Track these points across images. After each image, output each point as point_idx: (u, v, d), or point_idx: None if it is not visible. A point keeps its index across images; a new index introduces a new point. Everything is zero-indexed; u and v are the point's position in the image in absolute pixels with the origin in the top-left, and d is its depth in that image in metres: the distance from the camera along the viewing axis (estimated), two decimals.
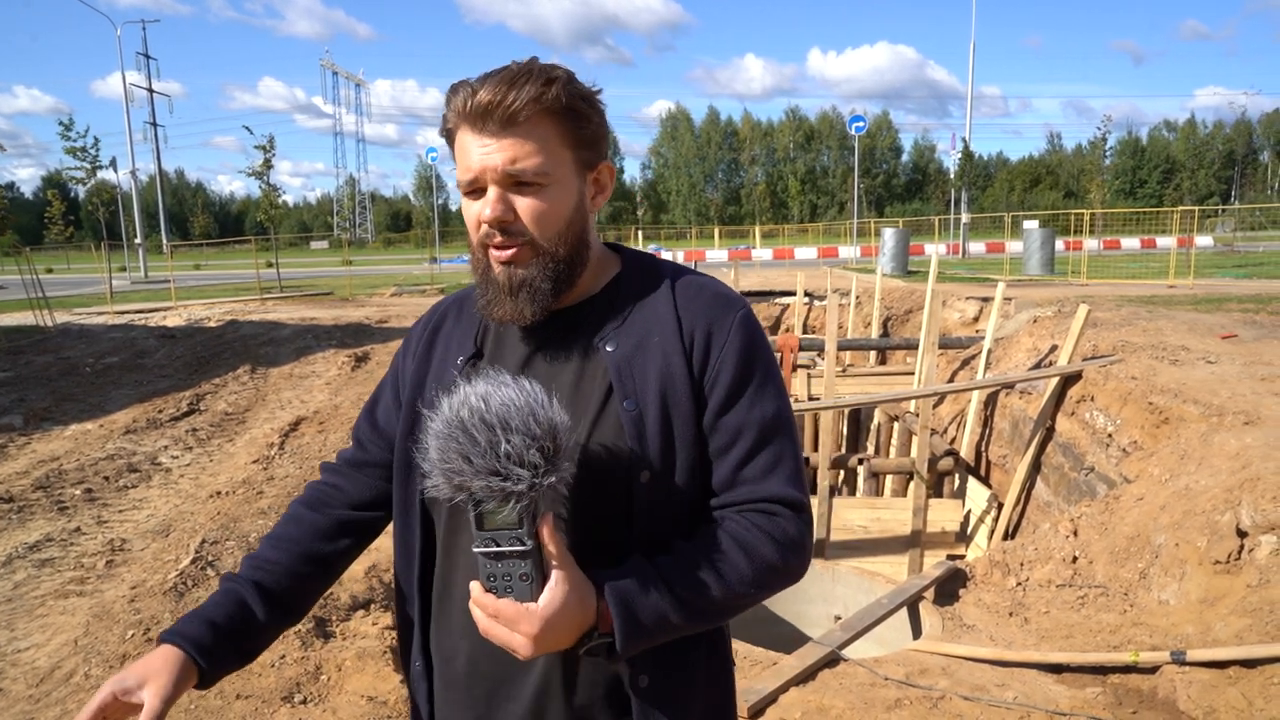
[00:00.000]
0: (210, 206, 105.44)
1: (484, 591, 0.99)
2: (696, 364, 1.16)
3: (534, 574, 0.98)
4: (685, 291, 1.21)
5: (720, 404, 1.15)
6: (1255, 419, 5.78)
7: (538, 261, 1.13)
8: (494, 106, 1.07)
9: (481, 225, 1.13)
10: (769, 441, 1.15)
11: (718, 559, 1.08)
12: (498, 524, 0.97)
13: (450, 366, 1.23)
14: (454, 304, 1.33)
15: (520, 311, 1.14)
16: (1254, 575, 4.24)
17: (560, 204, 1.14)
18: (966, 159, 32.51)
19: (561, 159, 1.13)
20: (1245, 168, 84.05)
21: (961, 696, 3.89)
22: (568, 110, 1.11)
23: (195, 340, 12.70)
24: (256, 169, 24.24)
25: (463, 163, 1.12)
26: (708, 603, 1.08)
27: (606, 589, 1.02)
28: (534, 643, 0.97)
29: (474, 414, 0.97)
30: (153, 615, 3.74)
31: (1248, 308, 11.48)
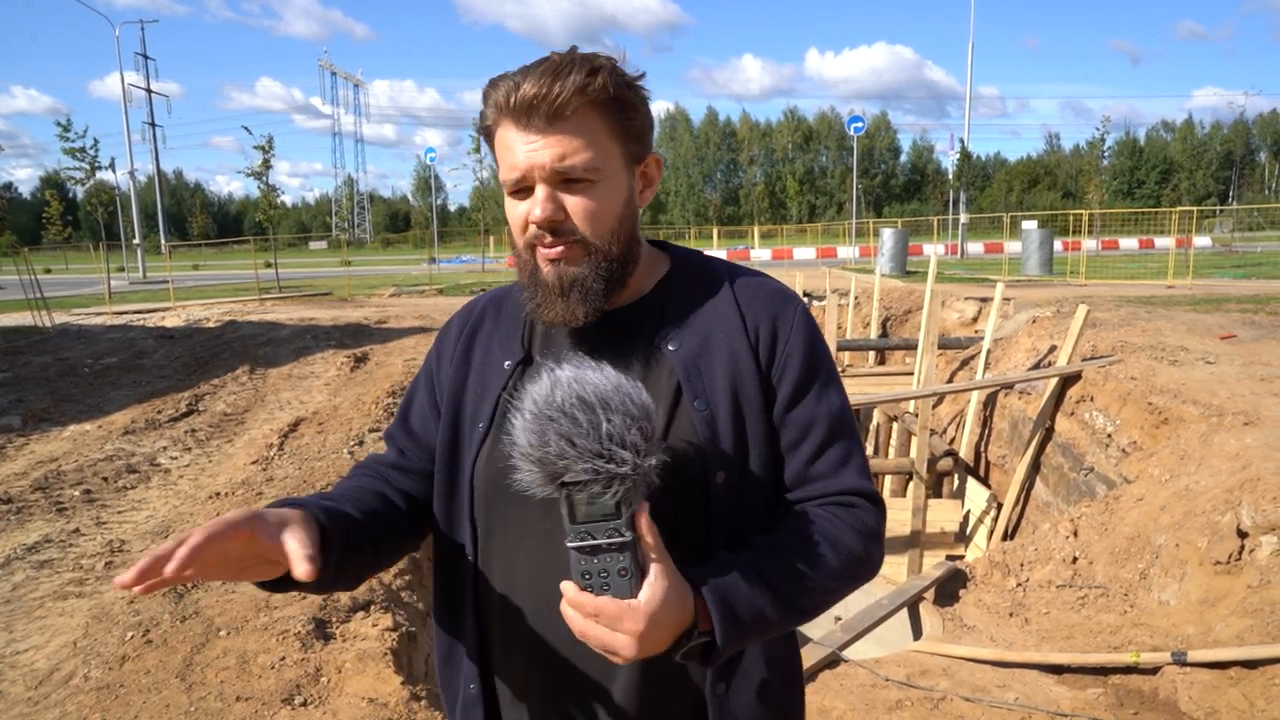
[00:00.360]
0: (209, 207, 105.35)
1: (579, 590, 0.92)
2: (763, 359, 1.14)
3: (633, 568, 0.92)
4: (745, 288, 1.19)
5: (789, 398, 1.13)
6: (1255, 419, 5.78)
7: (589, 260, 1.09)
8: (539, 100, 1.02)
9: (529, 226, 1.08)
10: (839, 435, 1.14)
11: (808, 552, 1.06)
12: (593, 515, 0.92)
13: (494, 371, 1.19)
14: (491, 304, 1.29)
15: (572, 313, 1.10)
16: (1254, 576, 4.24)
17: (611, 200, 1.09)
18: (965, 159, 32.53)
19: (610, 153, 1.08)
20: (1243, 168, 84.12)
21: (963, 697, 3.89)
22: (615, 101, 1.06)
23: (194, 341, 12.69)
24: (255, 169, 24.24)
25: (507, 161, 1.08)
26: (802, 597, 1.04)
27: (705, 586, 0.97)
28: (638, 642, 0.91)
29: (570, 395, 0.93)
30: (152, 617, 3.73)
31: (1246, 308, 11.49)
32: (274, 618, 3.64)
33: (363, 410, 7.52)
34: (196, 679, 3.18)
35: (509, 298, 1.27)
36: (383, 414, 7.35)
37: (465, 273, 30.57)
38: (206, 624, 3.62)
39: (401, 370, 9.05)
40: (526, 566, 1.12)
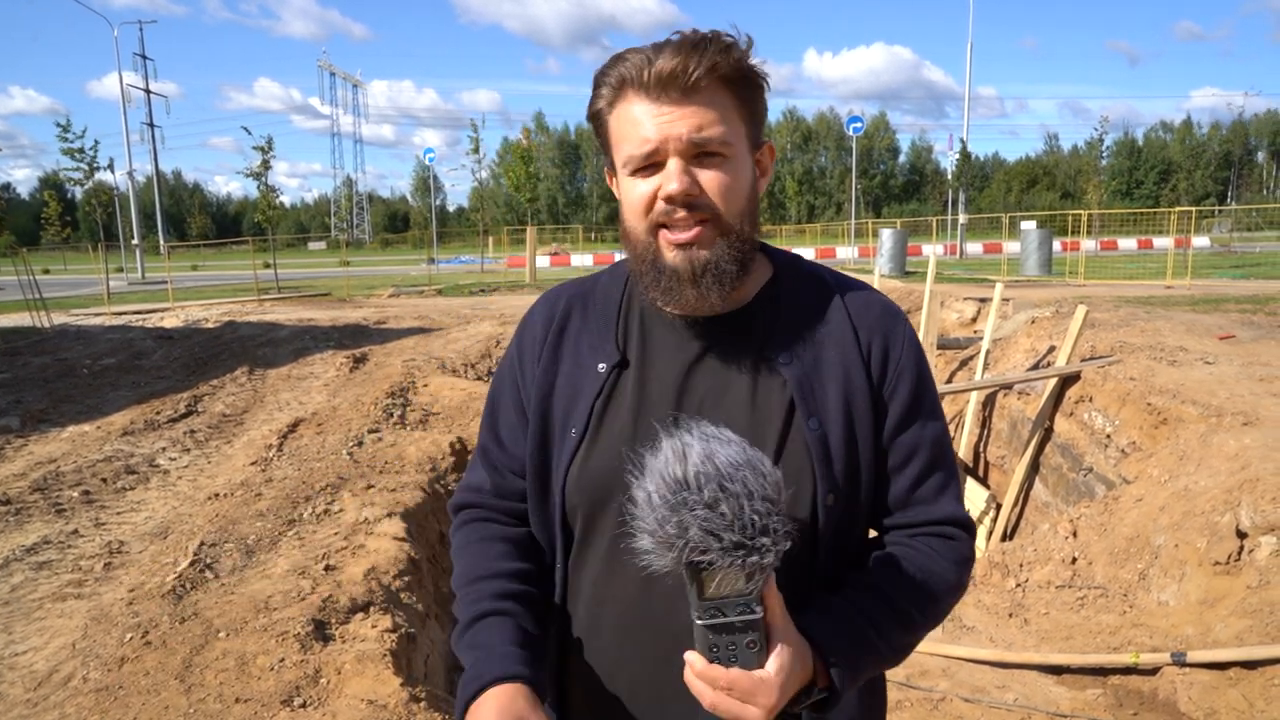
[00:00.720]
0: (208, 207, 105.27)
1: (708, 664, 0.91)
2: (875, 377, 1.11)
3: (761, 641, 0.91)
4: (856, 301, 1.15)
5: (899, 420, 1.11)
6: (1254, 419, 5.78)
7: (723, 241, 1.04)
8: (676, 73, 0.99)
9: (656, 203, 1.04)
10: (940, 461, 1.12)
11: (913, 591, 1.06)
12: (724, 593, 0.88)
13: (586, 375, 1.14)
14: (577, 299, 1.22)
15: (705, 298, 1.05)
16: (1254, 576, 4.24)
17: (742, 178, 1.06)
18: (964, 160, 32.54)
19: (739, 131, 1.05)
20: (1242, 168, 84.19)
21: (962, 698, 3.89)
22: (744, 80, 1.04)
23: (193, 341, 12.68)
24: (255, 170, 24.21)
25: (635, 134, 1.03)
26: (907, 636, 1.06)
27: (825, 644, 0.98)
28: (769, 713, 0.91)
29: (708, 478, 0.87)
30: (151, 619, 3.72)
31: (1245, 308, 11.50)
32: (273, 619, 3.63)
33: (362, 411, 7.51)
34: (196, 680, 3.17)
35: (596, 292, 1.21)
36: (381, 415, 7.35)
37: (464, 273, 30.55)
38: (206, 625, 3.61)
39: (401, 371, 9.05)
40: (620, 583, 1.09)
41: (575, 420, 1.12)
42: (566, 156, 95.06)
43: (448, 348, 10.65)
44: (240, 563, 4.39)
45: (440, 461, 6.27)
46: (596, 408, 1.11)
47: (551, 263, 32.29)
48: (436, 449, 6.41)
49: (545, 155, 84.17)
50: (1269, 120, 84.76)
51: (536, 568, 1.18)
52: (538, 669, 1.07)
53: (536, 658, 1.08)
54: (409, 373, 8.99)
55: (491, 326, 11.92)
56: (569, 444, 1.11)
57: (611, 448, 1.08)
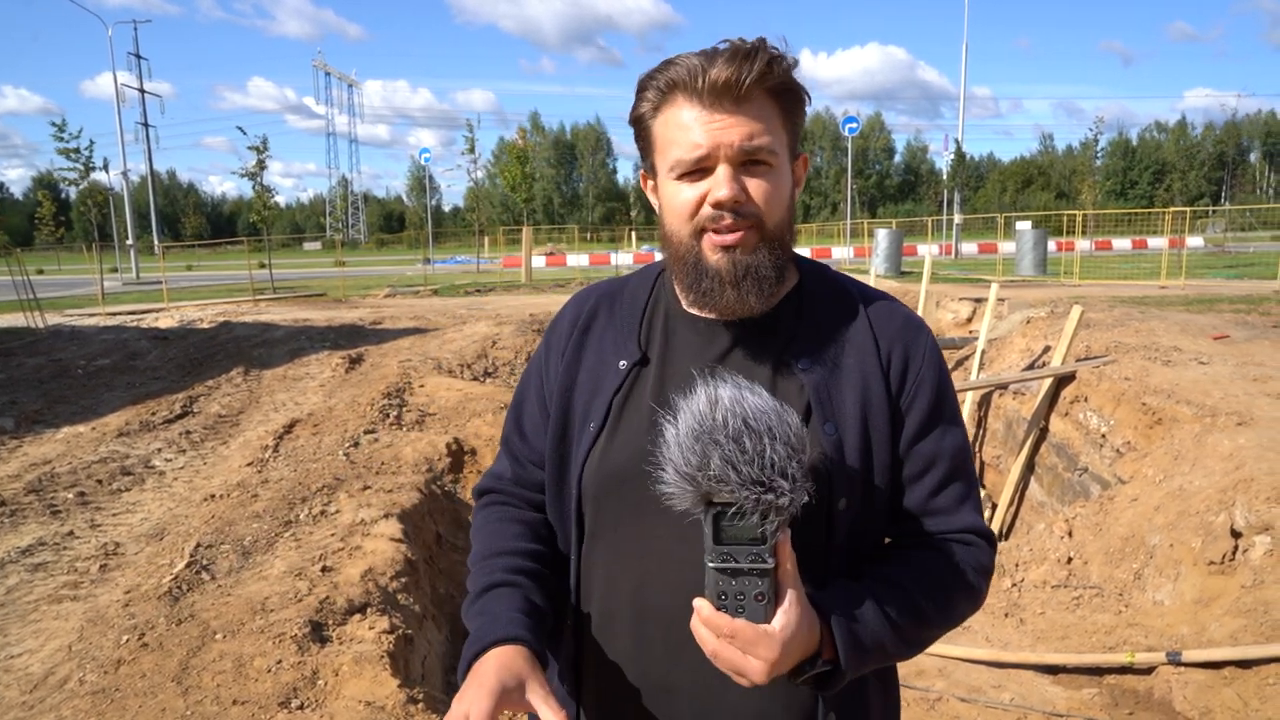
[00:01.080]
0: (202, 207, 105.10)
1: (715, 610, 0.92)
2: (894, 387, 1.13)
3: (770, 594, 0.93)
4: (878, 312, 1.18)
5: (917, 430, 1.13)
6: (1248, 420, 5.80)
7: (764, 247, 1.08)
8: (731, 82, 1.02)
9: (703, 207, 1.07)
10: (959, 471, 1.14)
11: (931, 590, 1.07)
12: (738, 538, 0.91)
13: (608, 371, 1.17)
14: (604, 299, 1.25)
15: (744, 301, 1.08)
16: (1248, 576, 4.26)
17: (784, 186, 1.10)
18: (959, 160, 32.59)
19: (782, 141, 1.09)
20: (1235, 169, 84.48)
21: (959, 698, 3.90)
22: (790, 92, 1.08)
23: (188, 342, 12.65)
24: (250, 170, 24.13)
25: (684, 140, 1.05)
26: (918, 631, 1.07)
27: (834, 617, 0.99)
28: (770, 668, 0.92)
29: (735, 417, 0.91)
30: (147, 620, 3.72)
31: (1239, 308, 11.54)
32: (270, 620, 3.63)
33: (358, 412, 7.51)
34: (193, 683, 3.17)
35: (624, 293, 1.24)
36: (378, 415, 7.34)
37: (460, 273, 30.50)
38: (203, 627, 3.61)
39: (397, 371, 9.04)
40: (635, 574, 1.11)
41: (594, 414, 1.15)
42: (562, 156, 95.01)
43: (444, 348, 10.64)
44: (237, 564, 4.38)
45: (437, 462, 6.26)
46: (615, 403, 1.14)
47: (547, 263, 32.25)
48: (433, 450, 6.41)
49: (541, 155, 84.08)
50: (1261, 121, 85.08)
51: (550, 551, 1.22)
52: (540, 636, 1.09)
53: (540, 626, 1.11)
54: (405, 373, 8.98)
55: (488, 327, 11.90)
56: (587, 437, 1.14)
57: (628, 443, 1.11)
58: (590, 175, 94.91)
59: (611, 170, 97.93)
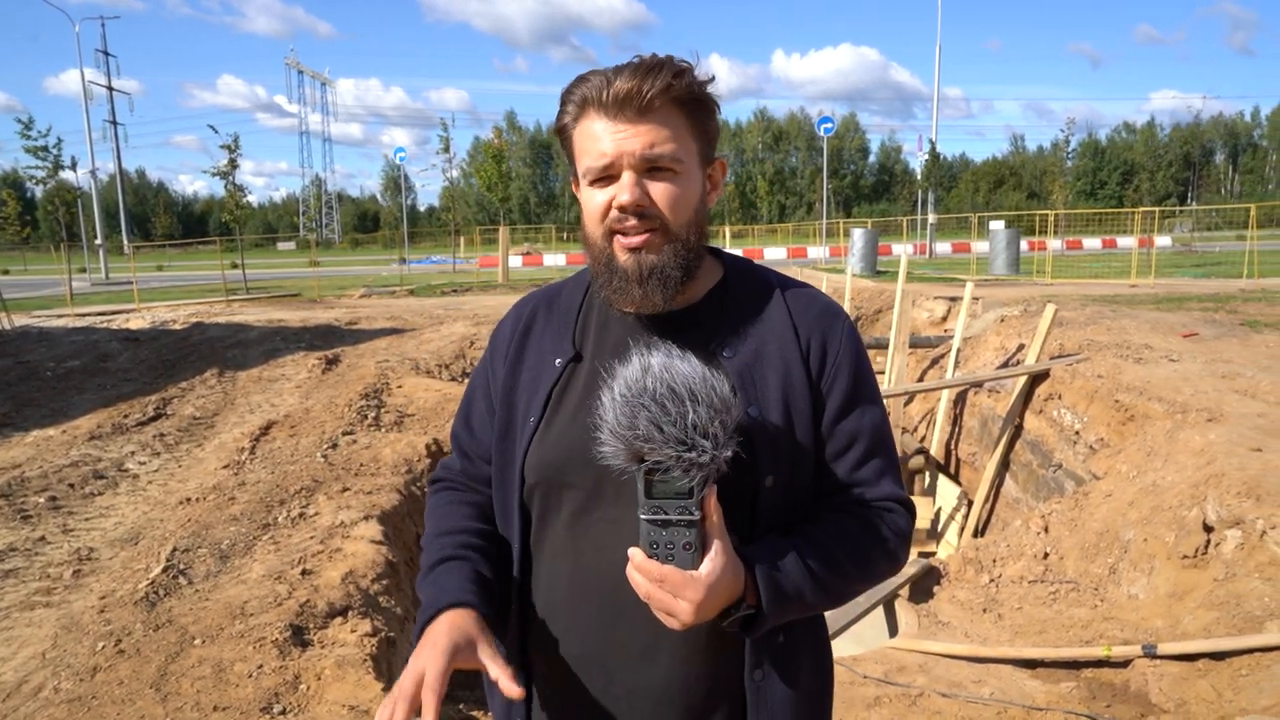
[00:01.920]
0: (173, 207, 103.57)
1: (646, 558, 1.01)
2: (814, 371, 1.21)
3: (697, 543, 1.01)
4: (798, 301, 1.26)
5: (837, 410, 1.21)
6: (1218, 416, 5.91)
7: (669, 247, 1.15)
8: (632, 94, 1.10)
9: (611, 211, 1.14)
10: (879, 447, 1.23)
11: (847, 546, 1.15)
12: (667, 493, 1.00)
13: (545, 368, 1.24)
14: (541, 302, 1.33)
15: (649, 299, 1.16)
16: (1220, 569, 4.33)
17: (690, 191, 1.16)
18: (934, 160, 32.90)
19: (690, 149, 1.16)
20: (1201, 170, 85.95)
21: (940, 693, 3.93)
22: (696, 101, 1.14)
23: (160, 343, 12.46)
24: (221, 169, 23.84)
25: (593, 149, 1.14)
26: (837, 583, 1.14)
27: (757, 565, 1.07)
28: (696, 610, 1.01)
29: (661, 383, 1.00)
30: (124, 626, 3.66)
31: (1207, 306, 11.75)
32: (250, 625, 3.59)
33: (336, 413, 7.44)
34: (172, 689, 3.13)
35: (560, 295, 1.33)
36: (355, 416, 7.28)
37: (436, 273, 30.31)
38: (180, 632, 3.56)
39: (374, 372, 8.97)
40: (572, 556, 1.19)
41: (534, 409, 1.23)
42: (538, 156, 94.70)
43: (421, 348, 10.57)
44: (214, 568, 4.33)
45: (416, 463, 6.22)
46: (553, 397, 1.22)
47: (524, 263, 32.15)
48: (412, 450, 6.37)
49: (517, 155, 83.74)
50: (1225, 123, 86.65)
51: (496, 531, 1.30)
52: (489, 603, 1.17)
53: (489, 595, 1.18)
54: (382, 374, 8.91)
55: (465, 327, 11.84)
56: (528, 430, 1.22)
57: (564, 433, 1.19)
58: (566, 175, 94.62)
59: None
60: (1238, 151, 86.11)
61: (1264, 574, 4.11)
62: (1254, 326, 9.75)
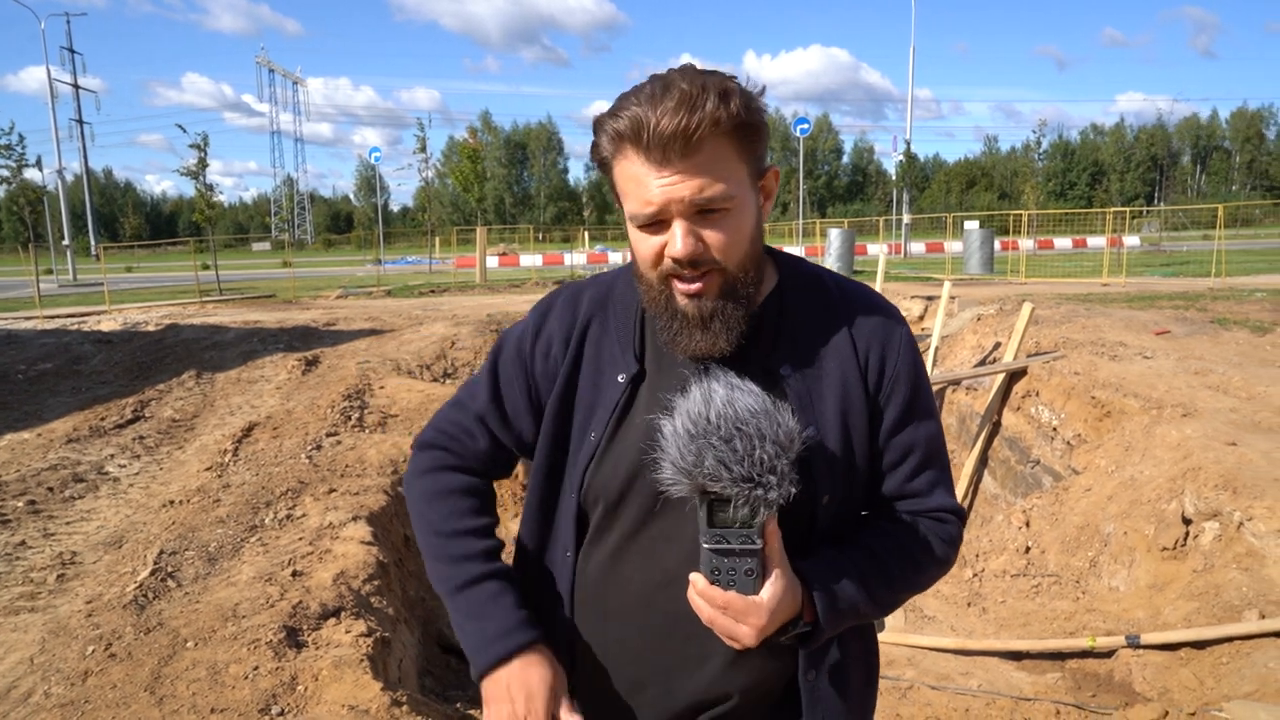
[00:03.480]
0: (141, 207, 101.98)
1: (709, 584, 1.03)
2: (872, 385, 1.19)
3: (758, 569, 1.03)
4: (856, 309, 1.22)
5: (894, 424, 1.20)
6: (1192, 411, 6.03)
7: (727, 289, 1.11)
8: (676, 135, 1.01)
9: (664, 260, 1.09)
10: (934, 458, 1.23)
11: (901, 556, 1.18)
12: (729, 522, 1.01)
13: (607, 383, 1.21)
14: (596, 305, 1.26)
15: (715, 344, 1.11)
16: (1199, 560, 4.44)
17: (744, 225, 1.11)
18: (909, 161, 33.20)
19: (740, 177, 1.09)
20: (1167, 171, 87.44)
21: (929, 686, 3.99)
22: (745, 126, 1.06)
23: (134, 345, 12.28)
24: (191, 168, 23.50)
25: (639, 195, 1.06)
26: (890, 593, 1.17)
27: (815, 584, 1.09)
28: (759, 633, 1.03)
29: (726, 421, 1.00)
30: (114, 630, 3.62)
31: (1177, 304, 11.97)
32: (242, 627, 3.56)
33: (318, 414, 7.39)
34: (166, 692, 3.10)
35: (613, 298, 1.27)
36: (339, 418, 7.23)
37: (412, 274, 30.10)
38: (172, 635, 3.53)
39: (355, 373, 8.91)
40: (626, 565, 1.19)
41: (595, 425, 1.20)
42: (513, 156, 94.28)
43: (401, 349, 10.51)
44: (203, 570, 4.29)
45: (402, 464, 6.19)
46: (615, 416, 1.19)
47: (500, 263, 32.00)
48: (398, 451, 6.34)
49: (492, 155, 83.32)
50: (1191, 126, 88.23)
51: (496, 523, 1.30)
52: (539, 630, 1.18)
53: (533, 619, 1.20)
54: (364, 375, 8.86)
55: (445, 327, 11.78)
56: (588, 446, 1.19)
57: (624, 454, 1.17)
58: (542, 175, 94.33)
59: (563, 170, 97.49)
60: (1203, 153, 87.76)
61: (1241, 564, 4.22)
62: (1223, 324, 9.96)
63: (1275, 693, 3.25)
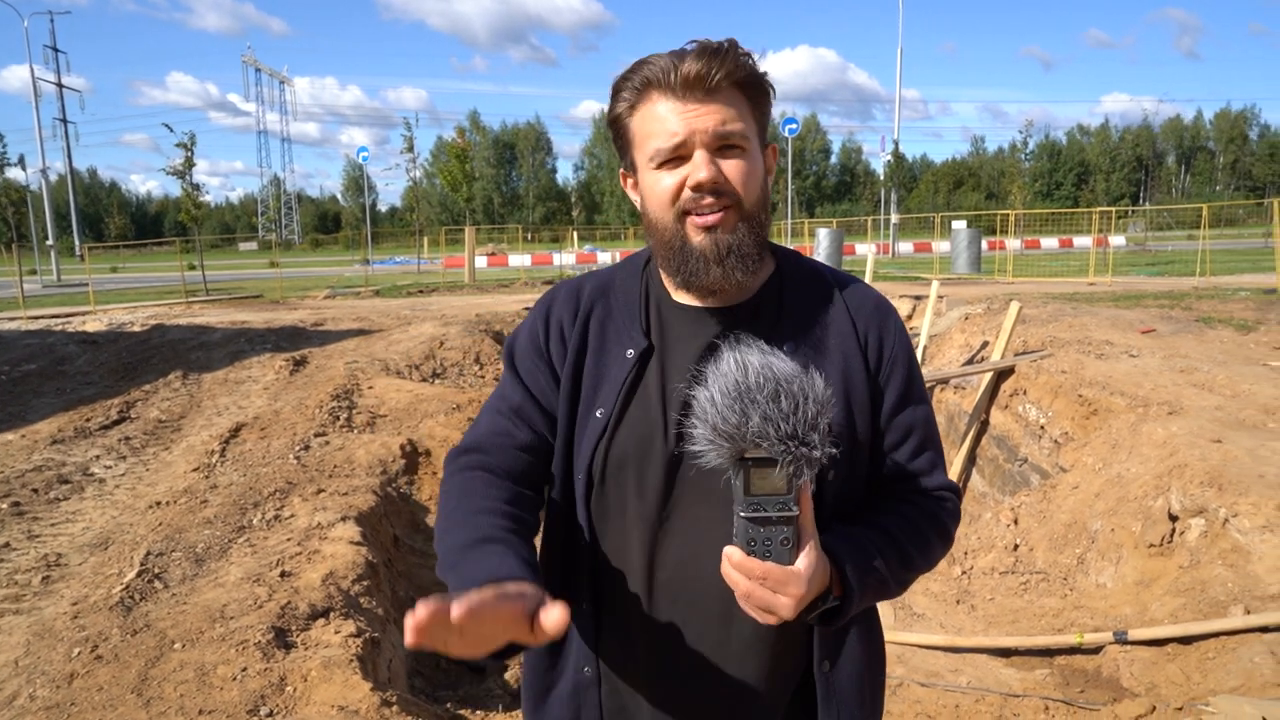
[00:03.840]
0: (126, 207, 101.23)
1: (746, 556, 1.00)
2: (872, 365, 1.23)
3: (794, 539, 1.01)
4: (853, 295, 1.27)
5: (895, 404, 1.24)
6: (1178, 409, 6.08)
7: (744, 225, 1.15)
8: (701, 75, 1.10)
9: (684, 192, 1.14)
10: (930, 438, 1.26)
11: (913, 533, 1.19)
12: (766, 490, 0.99)
13: (614, 359, 1.22)
14: (597, 292, 1.30)
15: (730, 277, 1.15)
16: (1185, 557, 4.47)
17: (758, 169, 1.17)
18: (898, 161, 33.31)
19: (753, 129, 1.16)
20: (1153, 171, 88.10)
21: (918, 683, 4.01)
22: (756, 84, 1.16)
23: (120, 346, 12.19)
24: (178, 168, 23.33)
25: (662, 130, 1.13)
26: (905, 570, 1.18)
27: (843, 558, 1.09)
28: (797, 604, 1.01)
29: (769, 381, 0.99)
30: (99, 631, 3.59)
31: (1163, 304, 12.06)
32: (231, 628, 3.54)
33: (306, 414, 7.35)
34: (154, 693, 3.08)
35: (615, 285, 1.30)
36: (327, 418, 7.20)
37: (400, 274, 29.99)
38: (159, 637, 3.50)
39: (344, 373, 8.87)
40: (644, 549, 1.18)
41: (602, 402, 1.21)
42: (501, 156, 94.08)
43: (390, 349, 10.47)
44: (190, 572, 4.27)
45: (391, 464, 6.18)
46: (624, 391, 1.20)
47: (489, 263, 31.90)
48: (387, 452, 6.32)
49: (480, 155, 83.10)
50: (1176, 126, 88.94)
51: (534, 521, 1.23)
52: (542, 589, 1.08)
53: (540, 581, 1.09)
54: (352, 375, 8.82)
55: (434, 327, 11.74)
56: (597, 423, 1.20)
57: (635, 428, 1.19)
58: (531, 175, 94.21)
59: (552, 170, 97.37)
60: (1188, 154, 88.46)
61: (1227, 560, 4.25)
62: (1208, 323, 10.04)
63: (1260, 687, 3.28)
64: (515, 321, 12.52)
